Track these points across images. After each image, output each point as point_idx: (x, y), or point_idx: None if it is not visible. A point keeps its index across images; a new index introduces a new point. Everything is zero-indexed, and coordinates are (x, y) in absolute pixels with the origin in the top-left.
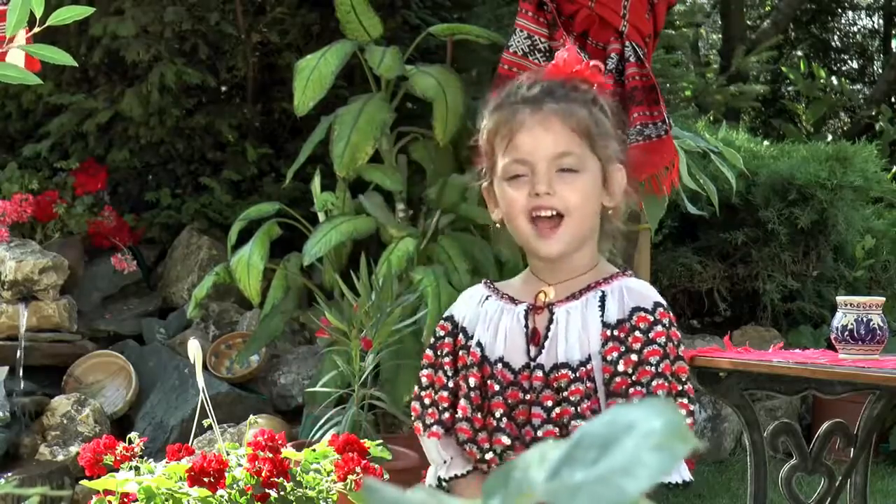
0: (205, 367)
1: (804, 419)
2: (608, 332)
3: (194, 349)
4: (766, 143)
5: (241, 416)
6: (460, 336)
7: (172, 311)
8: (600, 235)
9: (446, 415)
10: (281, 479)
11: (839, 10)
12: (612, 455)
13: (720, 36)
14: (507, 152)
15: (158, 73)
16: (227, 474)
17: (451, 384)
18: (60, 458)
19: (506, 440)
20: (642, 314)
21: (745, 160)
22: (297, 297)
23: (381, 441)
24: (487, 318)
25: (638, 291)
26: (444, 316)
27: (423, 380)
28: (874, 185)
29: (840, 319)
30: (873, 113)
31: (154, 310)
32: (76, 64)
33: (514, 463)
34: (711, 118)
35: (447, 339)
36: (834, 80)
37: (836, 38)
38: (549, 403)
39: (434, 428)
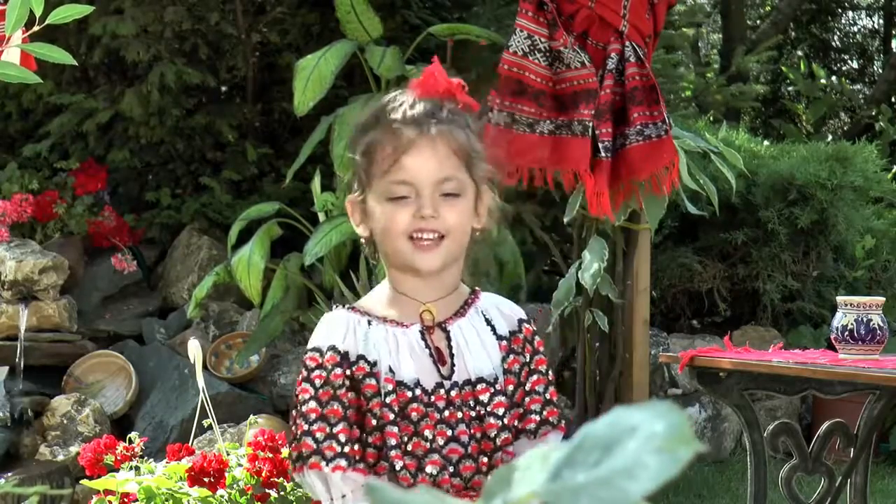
0: (205, 367)
1: (804, 419)
2: (507, 345)
3: (194, 349)
4: (766, 143)
5: (241, 416)
6: (360, 364)
7: (172, 311)
8: (466, 256)
9: (347, 448)
10: (281, 479)
11: (839, 10)
12: (613, 457)
13: (720, 36)
14: (392, 172)
15: (158, 73)
16: (227, 474)
17: (349, 414)
18: (60, 458)
19: (439, 459)
20: (526, 325)
21: (745, 160)
22: (296, 297)
23: None
24: (384, 343)
25: (510, 304)
26: (314, 347)
27: (311, 415)
28: (874, 185)
29: (840, 319)
30: (873, 113)
31: (154, 310)
32: (76, 63)
33: (516, 464)
34: (711, 118)
35: (337, 370)
36: (834, 80)
37: (836, 38)
38: (468, 420)
39: (338, 461)
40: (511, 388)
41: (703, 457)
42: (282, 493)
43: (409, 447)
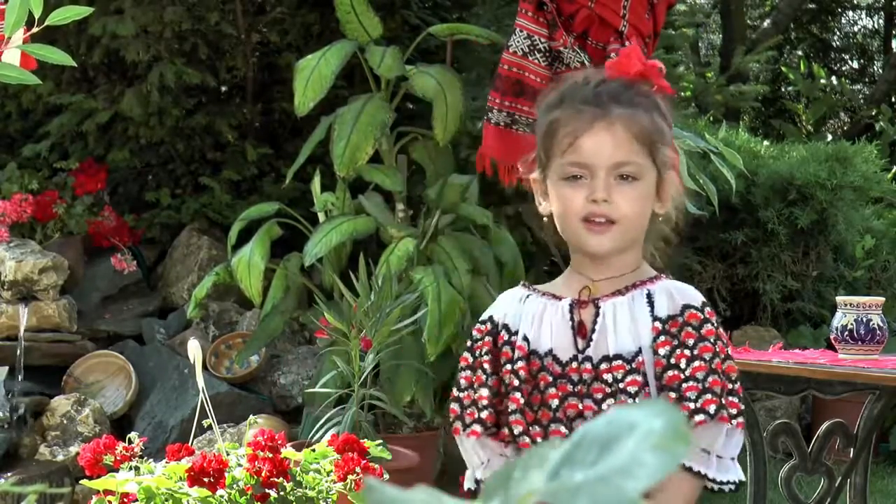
0: (205, 367)
1: (804, 419)
2: (659, 327)
3: (194, 349)
4: (765, 143)
5: (240, 416)
6: (502, 333)
7: (172, 311)
8: (646, 239)
9: (485, 413)
10: (281, 479)
11: (839, 10)
12: (612, 455)
13: (720, 36)
14: (568, 153)
15: (158, 73)
16: (226, 474)
17: (490, 382)
18: (60, 458)
19: (564, 430)
20: (693, 311)
21: (745, 160)
22: (296, 297)
23: (380, 441)
24: (530, 314)
25: (685, 291)
26: (480, 319)
27: (462, 382)
28: (874, 185)
29: (840, 319)
30: (873, 113)
31: (154, 310)
32: (75, 64)
33: (515, 463)
34: (711, 118)
35: (486, 339)
36: (834, 80)
37: (836, 38)
38: (600, 396)
39: (474, 427)
40: (659, 369)
41: None
42: (282, 493)
43: (539, 415)
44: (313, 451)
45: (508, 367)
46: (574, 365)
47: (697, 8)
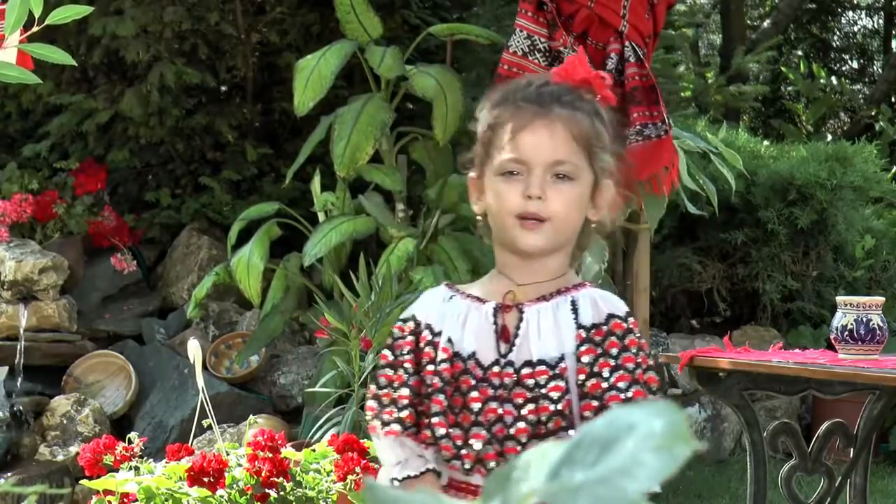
0: (204, 367)
1: (804, 419)
2: (583, 334)
3: (194, 349)
4: (765, 143)
5: (240, 416)
6: (424, 333)
7: (172, 311)
8: (575, 246)
9: (405, 413)
10: (281, 478)
11: (839, 10)
12: (612, 456)
13: (720, 36)
14: (507, 149)
15: (158, 73)
16: (226, 474)
17: (411, 382)
18: (60, 458)
19: (484, 434)
20: (617, 321)
21: (745, 160)
22: (296, 298)
23: None
24: (454, 315)
25: (610, 299)
26: (401, 318)
27: (382, 380)
28: (874, 185)
29: (840, 319)
30: (873, 113)
31: (154, 310)
32: (75, 64)
33: (515, 463)
34: (711, 118)
35: (408, 338)
36: (834, 80)
37: (836, 38)
38: (520, 401)
39: (392, 426)
40: (582, 377)
41: (702, 457)
42: (281, 493)
43: (459, 418)
44: (313, 451)
45: (431, 367)
46: (496, 369)
47: (697, 8)
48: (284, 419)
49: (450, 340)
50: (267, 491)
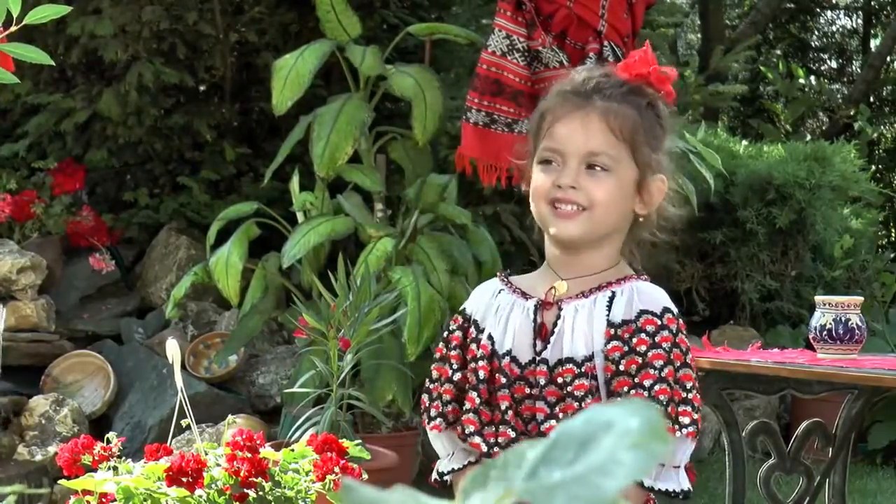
0: (183, 366)
1: (782, 419)
2: (612, 331)
3: (172, 349)
4: (744, 142)
5: (219, 415)
6: (471, 329)
7: (151, 310)
8: (626, 239)
9: (449, 407)
10: (259, 478)
11: (818, 10)
12: (589, 454)
13: (698, 36)
14: (546, 138)
15: (136, 73)
16: (205, 474)
17: (456, 377)
18: (39, 458)
19: (511, 433)
20: (649, 317)
21: (724, 160)
22: (275, 297)
23: (359, 441)
24: (498, 311)
25: (648, 294)
26: (458, 310)
27: (434, 373)
28: (852, 184)
29: (818, 319)
30: (852, 113)
31: (132, 310)
32: (53, 63)
33: (493, 462)
34: (690, 118)
35: (457, 332)
36: (812, 79)
37: (814, 37)
38: (553, 399)
39: (436, 420)
40: (609, 375)
41: None
42: (260, 493)
43: (493, 416)
44: (292, 450)
45: (472, 364)
46: (532, 367)
47: (676, 8)
48: (263, 419)
49: (490, 337)
50: (246, 491)
